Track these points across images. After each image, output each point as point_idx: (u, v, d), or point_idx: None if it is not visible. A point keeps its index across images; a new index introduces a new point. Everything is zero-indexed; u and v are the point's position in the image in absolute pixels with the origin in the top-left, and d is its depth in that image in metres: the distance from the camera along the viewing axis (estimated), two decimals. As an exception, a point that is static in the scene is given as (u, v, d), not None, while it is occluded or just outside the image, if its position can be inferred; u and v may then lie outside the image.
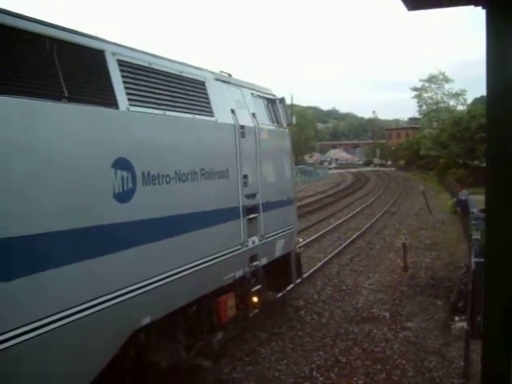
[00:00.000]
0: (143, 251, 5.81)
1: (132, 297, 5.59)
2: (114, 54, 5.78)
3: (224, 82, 8.37)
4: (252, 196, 8.69)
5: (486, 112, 3.62)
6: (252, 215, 8.65)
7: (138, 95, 6.05)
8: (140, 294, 5.71)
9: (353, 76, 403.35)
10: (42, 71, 4.90)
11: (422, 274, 14.20)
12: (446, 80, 68.96)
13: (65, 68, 5.05)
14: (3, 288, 4.21)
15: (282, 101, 10.66)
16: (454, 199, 25.34)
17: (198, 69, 7.66)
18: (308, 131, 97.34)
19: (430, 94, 70.70)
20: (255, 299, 9.14)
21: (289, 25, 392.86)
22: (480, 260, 7.20)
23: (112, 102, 5.59)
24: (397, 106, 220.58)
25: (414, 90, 71.74)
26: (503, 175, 3.53)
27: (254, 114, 9.07)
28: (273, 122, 10.14)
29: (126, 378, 6.24)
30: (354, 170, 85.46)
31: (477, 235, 10.35)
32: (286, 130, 10.89)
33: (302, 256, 12.08)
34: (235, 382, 7.83)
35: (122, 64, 5.89)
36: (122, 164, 5.51)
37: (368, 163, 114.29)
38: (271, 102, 10.28)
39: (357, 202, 34.39)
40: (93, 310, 5.04)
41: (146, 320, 5.92)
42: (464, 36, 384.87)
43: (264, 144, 9.26)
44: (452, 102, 69.33)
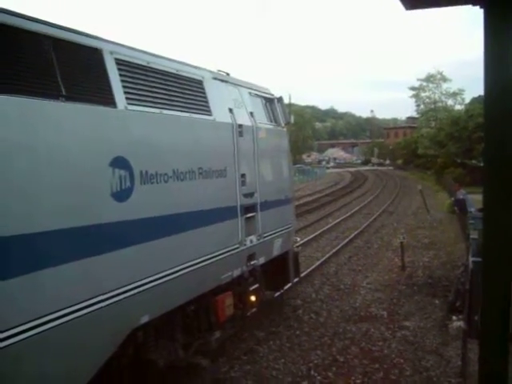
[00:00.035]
0: (141, 250, 5.82)
1: (130, 295, 5.59)
2: (111, 52, 5.78)
3: (222, 80, 8.37)
4: (250, 195, 8.70)
5: (483, 111, 3.63)
6: (250, 214, 8.65)
7: (135, 94, 6.05)
8: (138, 292, 5.71)
9: (351, 75, 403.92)
10: (40, 70, 4.89)
11: (420, 274, 14.22)
12: (444, 79, 68.97)
13: (62, 67, 5.04)
14: (1, 286, 4.21)
15: (279, 100, 10.66)
16: (452, 198, 25.39)
17: (195, 68, 7.65)
18: (306, 130, 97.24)
19: (427, 94, 70.69)
20: (253, 298, 9.15)
21: (287, 24, 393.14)
22: (478, 259, 7.22)
23: (110, 101, 5.59)
24: (395, 105, 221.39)
25: (412, 89, 71.72)
26: (500, 174, 3.54)
27: (251, 113, 9.07)
28: (271, 121, 10.14)
29: (124, 377, 6.24)
30: (352, 169, 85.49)
31: (474, 234, 10.38)
32: (284, 129, 10.90)
33: (299, 255, 12.08)
34: (233, 381, 7.83)
35: (120, 63, 5.89)
36: (119, 163, 5.52)
37: (366, 162, 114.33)
38: (269, 101, 10.28)
39: (355, 201, 34.42)
40: (91, 309, 5.05)
41: (145, 319, 5.93)
42: (462, 35, 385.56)
43: (262, 143, 9.26)
44: (450, 102, 69.37)
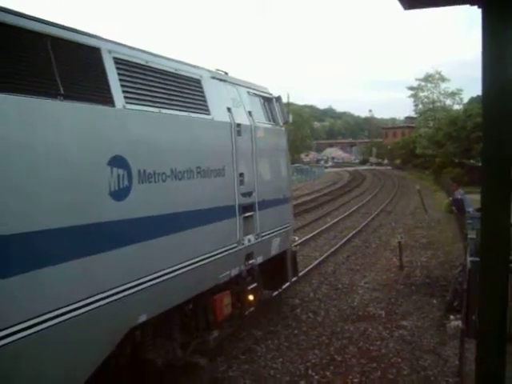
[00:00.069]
0: (139, 249, 5.81)
1: (128, 295, 5.59)
2: (110, 51, 5.77)
3: (220, 80, 8.37)
4: (248, 194, 8.69)
5: (481, 111, 3.63)
6: (248, 213, 8.65)
7: (134, 93, 6.05)
8: (136, 291, 5.71)
9: (350, 75, 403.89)
10: (38, 69, 4.88)
11: (418, 273, 14.23)
12: (443, 79, 68.95)
13: (61, 65, 5.04)
14: (0, 285, 4.21)
15: (278, 99, 10.66)
16: (450, 198, 25.42)
17: (194, 67, 7.65)
18: (304, 130, 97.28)
19: (426, 93, 70.65)
20: (251, 297, 9.15)
21: (286, 24, 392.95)
22: (475, 259, 7.22)
23: (108, 100, 5.58)
24: (393, 105, 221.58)
25: (411, 89, 71.65)
26: (499, 174, 3.54)
27: (250, 113, 9.07)
28: (269, 121, 10.14)
29: (121, 376, 6.24)
30: (350, 169, 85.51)
31: (472, 234, 10.39)
32: (283, 128, 10.90)
33: (297, 254, 12.10)
34: (231, 380, 7.83)
35: (119, 62, 5.88)
36: (117, 162, 5.51)
37: (364, 162, 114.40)
38: (267, 101, 10.28)
39: (353, 200, 34.44)
40: (89, 308, 5.04)
41: (142, 318, 5.93)
42: (460, 35, 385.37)
43: (260, 142, 9.26)
44: (448, 102, 69.33)
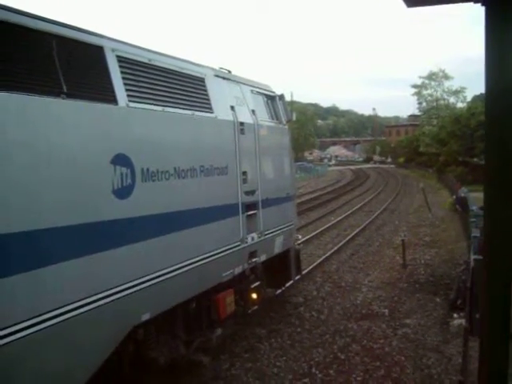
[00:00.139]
0: (142, 247, 5.82)
1: (131, 293, 5.60)
2: (113, 50, 5.78)
3: (223, 78, 8.36)
4: (251, 193, 8.69)
5: (484, 110, 3.61)
6: (251, 212, 8.65)
7: (137, 91, 6.05)
8: (139, 290, 5.72)
9: (353, 73, 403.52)
10: (41, 67, 4.89)
11: (421, 271, 14.20)
12: (446, 77, 68.76)
13: (64, 64, 5.04)
14: (3, 284, 4.22)
15: (281, 97, 10.65)
16: (454, 196, 25.38)
17: (197, 65, 7.65)
18: (308, 128, 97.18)
19: (429, 91, 70.49)
20: (254, 296, 9.16)
21: (290, 22, 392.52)
22: (479, 257, 7.21)
23: (111, 98, 5.59)
24: (397, 103, 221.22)
25: (414, 87, 71.49)
26: (502, 172, 3.53)
27: (253, 111, 9.07)
28: (272, 119, 10.13)
29: (124, 374, 6.25)
30: (353, 167, 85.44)
31: (476, 232, 10.38)
32: (286, 126, 10.89)
33: (301, 253, 12.10)
34: (234, 379, 7.84)
35: (122, 60, 5.89)
36: (121, 160, 5.52)
37: (368, 160, 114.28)
38: (271, 99, 10.27)
39: (356, 199, 34.40)
40: (92, 306, 5.06)
41: (146, 316, 5.93)
42: (463, 33, 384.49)
43: (263, 141, 9.25)
44: (452, 99, 69.18)
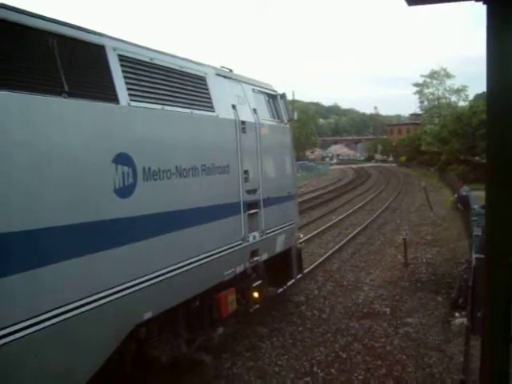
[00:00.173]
0: (144, 246, 5.82)
1: (133, 292, 5.60)
2: (114, 49, 5.77)
3: (225, 77, 8.36)
4: (253, 191, 8.69)
5: (486, 108, 3.61)
6: (253, 210, 8.65)
7: (138, 90, 6.05)
8: (141, 288, 5.72)
9: (355, 72, 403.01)
10: (43, 66, 4.89)
11: (423, 270, 14.20)
12: (448, 76, 68.59)
13: (65, 63, 5.05)
14: (3, 283, 4.22)
15: (282, 96, 10.65)
16: (455, 195, 25.35)
17: (199, 64, 7.64)
18: (309, 127, 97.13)
19: (431, 90, 70.30)
20: (256, 294, 9.16)
21: (291, 21, 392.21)
22: (481, 256, 7.20)
23: (113, 97, 5.59)
24: (398, 101, 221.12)
25: (416, 85, 71.29)
26: (503, 171, 3.52)
27: (254, 110, 9.06)
28: (274, 118, 10.13)
29: (126, 373, 6.26)
30: (355, 166, 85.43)
31: (478, 231, 10.37)
32: (287, 125, 10.88)
33: (302, 251, 12.10)
34: (236, 377, 7.85)
35: (123, 59, 5.89)
36: (122, 159, 5.52)
37: (369, 159, 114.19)
38: (272, 98, 10.27)
39: (358, 197, 34.40)
40: (94, 305, 5.06)
41: (148, 315, 5.94)
42: (465, 31, 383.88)
43: (265, 139, 9.25)
44: (453, 98, 69.01)
